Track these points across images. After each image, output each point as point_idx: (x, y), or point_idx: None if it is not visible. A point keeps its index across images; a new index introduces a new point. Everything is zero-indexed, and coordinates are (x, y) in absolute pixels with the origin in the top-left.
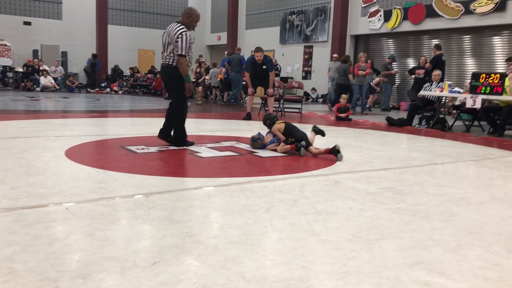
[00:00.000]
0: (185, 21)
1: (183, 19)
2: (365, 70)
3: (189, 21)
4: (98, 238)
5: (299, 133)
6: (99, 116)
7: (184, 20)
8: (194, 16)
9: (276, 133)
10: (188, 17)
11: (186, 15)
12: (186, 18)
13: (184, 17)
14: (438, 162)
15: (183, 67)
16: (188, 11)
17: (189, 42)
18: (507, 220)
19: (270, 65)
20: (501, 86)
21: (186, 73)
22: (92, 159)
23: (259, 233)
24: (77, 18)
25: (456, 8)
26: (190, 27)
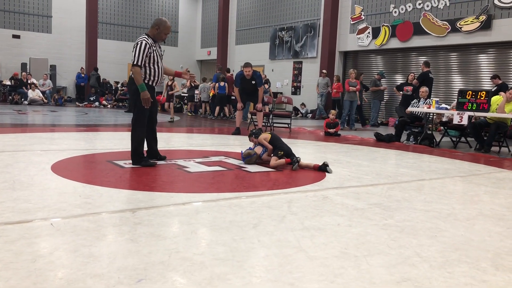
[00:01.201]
0: (153, 33)
1: (151, 31)
2: (356, 86)
3: (157, 33)
4: (83, 255)
5: (285, 146)
6: (87, 130)
7: (153, 31)
8: (163, 28)
9: (263, 142)
10: (156, 29)
11: (155, 26)
12: (155, 29)
13: (153, 28)
14: (426, 178)
15: (136, 76)
16: (157, 22)
17: (144, 51)
18: (493, 236)
19: (259, 81)
20: (487, 103)
21: (139, 82)
22: (78, 173)
23: (246, 249)
24: (66, 32)
25: (442, 26)
26: (158, 39)
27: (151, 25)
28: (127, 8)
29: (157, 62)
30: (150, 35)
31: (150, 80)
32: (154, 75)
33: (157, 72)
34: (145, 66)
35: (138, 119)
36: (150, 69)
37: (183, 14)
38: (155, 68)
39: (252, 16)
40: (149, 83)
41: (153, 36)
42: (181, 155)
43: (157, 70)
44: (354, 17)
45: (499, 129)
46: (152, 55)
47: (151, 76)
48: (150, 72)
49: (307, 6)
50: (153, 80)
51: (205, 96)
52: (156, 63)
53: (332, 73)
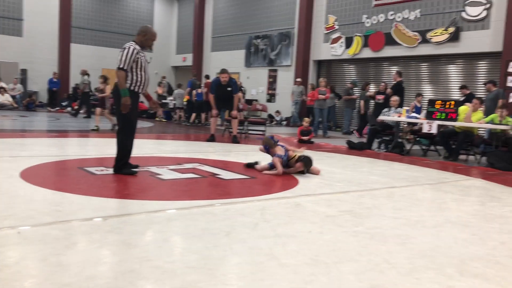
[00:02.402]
0: (139, 40)
1: (138, 38)
2: (325, 94)
3: (144, 40)
4: (51, 264)
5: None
6: (58, 136)
7: (139, 38)
8: (149, 35)
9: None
10: (143, 35)
11: (142, 33)
12: (142, 36)
13: (140, 35)
14: (396, 186)
15: (120, 80)
16: (144, 29)
17: (131, 56)
18: (459, 243)
19: (235, 87)
20: (455, 112)
21: (123, 87)
22: (48, 180)
23: (219, 257)
24: (38, 36)
25: (413, 37)
26: (145, 46)
27: (137, 33)
28: (101, 13)
29: (144, 69)
30: (137, 42)
31: (136, 86)
32: (141, 82)
33: (143, 78)
34: (132, 72)
35: (124, 127)
36: (137, 75)
37: (158, 20)
38: (142, 74)
39: (228, 23)
40: (135, 90)
41: (140, 43)
42: (154, 162)
43: (143, 76)
44: (328, 27)
45: (467, 138)
46: (140, 61)
47: (137, 82)
48: (137, 79)
49: (282, 15)
50: (139, 87)
51: (180, 102)
52: (143, 69)
53: (306, 81)
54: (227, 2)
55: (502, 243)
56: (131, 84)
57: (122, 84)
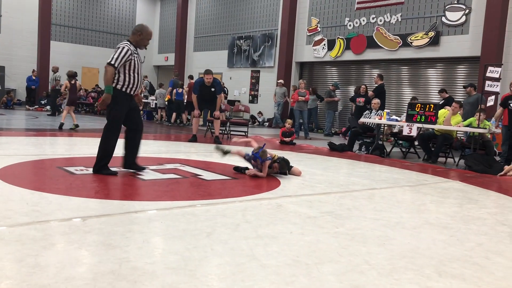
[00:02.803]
0: (135, 39)
1: (133, 37)
2: (305, 96)
3: (140, 39)
4: (28, 265)
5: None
6: (36, 135)
7: (135, 38)
8: (145, 34)
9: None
10: (139, 35)
11: (137, 32)
12: (137, 35)
13: (135, 34)
14: (376, 187)
15: (108, 76)
16: (139, 28)
17: (124, 56)
18: (438, 244)
19: (218, 88)
20: (435, 115)
21: (108, 83)
22: (26, 180)
23: (199, 258)
24: (17, 33)
25: (394, 41)
26: (140, 45)
27: (132, 32)
28: (82, 10)
29: (137, 70)
30: (132, 42)
31: (128, 87)
32: (133, 83)
33: (136, 80)
34: (124, 73)
35: (111, 127)
36: (130, 76)
37: (140, 18)
38: (135, 76)
39: (211, 23)
40: (127, 91)
41: (135, 42)
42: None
43: (136, 77)
44: (311, 29)
45: (446, 141)
46: (133, 62)
47: (129, 83)
48: (130, 80)
49: (265, 16)
50: (131, 88)
51: (161, 102)
52: (136, 71)
53: (289, 83)
54: (210, 2)
55: (479, 244)
56: (122, 85)
57: (108, 80)
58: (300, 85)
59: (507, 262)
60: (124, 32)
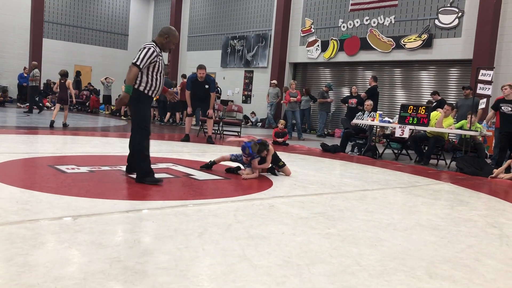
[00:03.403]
0: (161, 41)
1: (160, 39)
2: (296, 96)
3: (166, 42)
4: (17, 264)
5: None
6: (28, 133)
7: (161, 40)
8: (172, 37)
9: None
10: (166, 37)
11: (164, 35)
12: (164, 38)
13: (162, 37)
14: (368, 189)
15: (130, 76)
16: (167, 30)
17: (150, 57)
18: (428, 245)
19: (212, 85)
20: (427, 118)
21: (129, 83)
22: (16, 178)
23: (190, 258)
24: (9, 30)
25: (388, 43)
26: (165, 48)
27: (158, 34)
28: (75, 8)
29: (160, 72)
30: (158, 43)
31: (150, 90)
32: (156, 86)
33: (159, 82)
34: (147, 75)
35: (141, 129)
36: (153, 78)
37: (134, 17)
38: (158, 78)
39: (205, 23)
40: (149, 94)
41: (160, 44)
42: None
43: (159, 80)
44: (304, 30)
45: (437, 143)
46: (158, 64)
47: (152, 86)
48: (152, 83)
49: (259, 17)
50: (153, 91)
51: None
52: (159, 73)
53: (282, 83)
54: (204, 1)
55: (469, 246)
56: (145, 87)
57: (130, 79)
58: (291, 85)
59: (497, 264)
60: (118, 30)
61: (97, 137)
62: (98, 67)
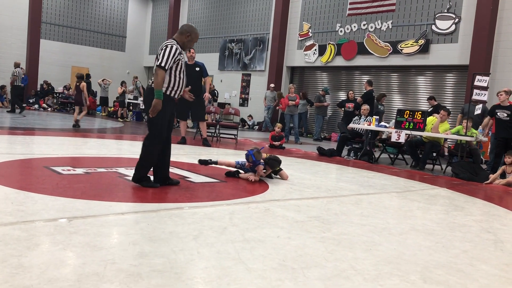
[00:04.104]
0: (181, 40)
1: (181, 38)
2: (295, 100)
3: (187, 40)
4: (11, 265)
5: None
6: (23, 134)
7: (182, 38)
8: (193, 36)
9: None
10: (187, 36)
11: (186, 33)
12: (185, 36)
13: (183, 35)
14: (364, 193)
15: (159, 80)
16: (189, 29)
17: (174, 56)
18: (423, 250)
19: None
20: (423, 122)
21: (159, 87)
22: (12, 179)
23: (185, 261)
24: (6, 30)
25: (385, 47)
26: (186, 47)
27: (179, 32)
28: (73, 9)
29: (183, 71)
30: (178, 42)
31: (173, 90)
32: (179, 86)
33: (181, 82)
34: (170, 74)
35: (154, 134)
36: (176, 78)
37: (132, 19)
38: (181, 77)
39: (203, 25)
40: (171, 95)
41: (181, 43)
42: (123, 163)
43: (182, 79)
44: (302, 34)
45: (433, 148)
46: (181, 62)
47: (175, 86)
48: (175, 82)
49: (257, 20)
50: (175, 91)
51: None
52: (182, 72)
53: (279, 87)
54: (203, 4)
55: (464, 251)
56: (167, 87)
57: (159, 84)
58: (290, 89)
59: (492, 269)
60: (115, 32)
61: (94, 139)
62: (96, 68)
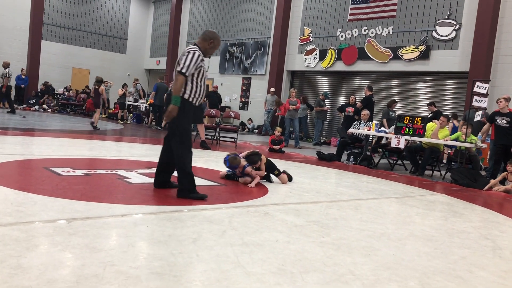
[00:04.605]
0: (204, 46)
1: (203, 44)
2: (295, 104)
3: (210, 47)
4: (10, 266)
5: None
6: (23, 135)
7: (204, 45)
8: (216, 43)
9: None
10: (210, 42)
11: (209, 39)
12: (208, 43)
13: (206, 41)
14: (363, 198)
15: (178, 86)
16: (212, 35)
17: (196, 62)
18: (422, 256)
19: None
20: (423, 128)
21: (177, 93)
22: (11, 180)
23: (184, 264)
24: (8, 31)
25: (385, 53)
26: (207, 54)
27: (202, 37)
28: (75, 11)
29: (205, 79)
30: (201, 48)
31: (195, 98)
32: (200, 93)
33: (203, 89)
34: (192, 81)
35: (184, 142)
36: (197, 85)
37: (133, 21)
38: (202, 85)
39: (204, 28)
40: (193, 101)
41: (203, 49)
42: (122, 165)
43: (203, 87)
44: (303, 38)
45: (433, 154)
46: (202, 69)
47: (196, 93)
48: (196, 89)
49: (258, 24)
50: (197, 98)
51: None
52: (203, 80)
53: (280, 91)
54: (204, 7)
55: (462, 257)
56: (190, 95)
57: (178, 90)
58: (291, 94)
59: (490, 276)
60: (117, 34)
61: (94, 140)
62: (96, 70)
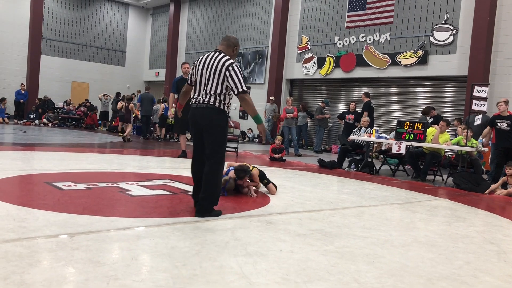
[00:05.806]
0: (229, 53)
1: (228, 50)
2: (292, 112)
3: (234, 54)
4: (13, 282)
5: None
6: (24, 149)
7: (229, 51)
8: (238, 49)
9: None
10: (234, 49)
11: (234, 46)
12: (232, 49)
13: (230, 47)
14: (366, 205)
15: (251, 105)
16: (236, 41)
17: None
18: (426, 262)
19: None
20: (423, 133)
21: (256, 112)
22: (13, 195)
23: (188, 276)
24: (7, 46)
25: (383, 59)
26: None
27: (226, 44)
28: (73, 25)
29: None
30: (226, 55)
31: (228, 109)
32: (230, 104)
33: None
34: (227, 95)
35: (221, 158)
36: (230, 97)
37: (131, 34)
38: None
39: (202, 39)
40: (228, 113)
41: (228, 56)
42: (124, 178)
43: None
44: (301, 47)
45: (434, 159)
46: None
47: (229, 105)
48: (230, 101)
49: (256, 34)
50: (229, 109)
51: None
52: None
53: (279, 99)
54: (202, 18)
55: (467, 262)
56: (227, 109)
57: (254, 109)
58: (288, 102)
59: (495, 280)
60: (115, 47)
61: (94, 154)
62: (96, 83)
